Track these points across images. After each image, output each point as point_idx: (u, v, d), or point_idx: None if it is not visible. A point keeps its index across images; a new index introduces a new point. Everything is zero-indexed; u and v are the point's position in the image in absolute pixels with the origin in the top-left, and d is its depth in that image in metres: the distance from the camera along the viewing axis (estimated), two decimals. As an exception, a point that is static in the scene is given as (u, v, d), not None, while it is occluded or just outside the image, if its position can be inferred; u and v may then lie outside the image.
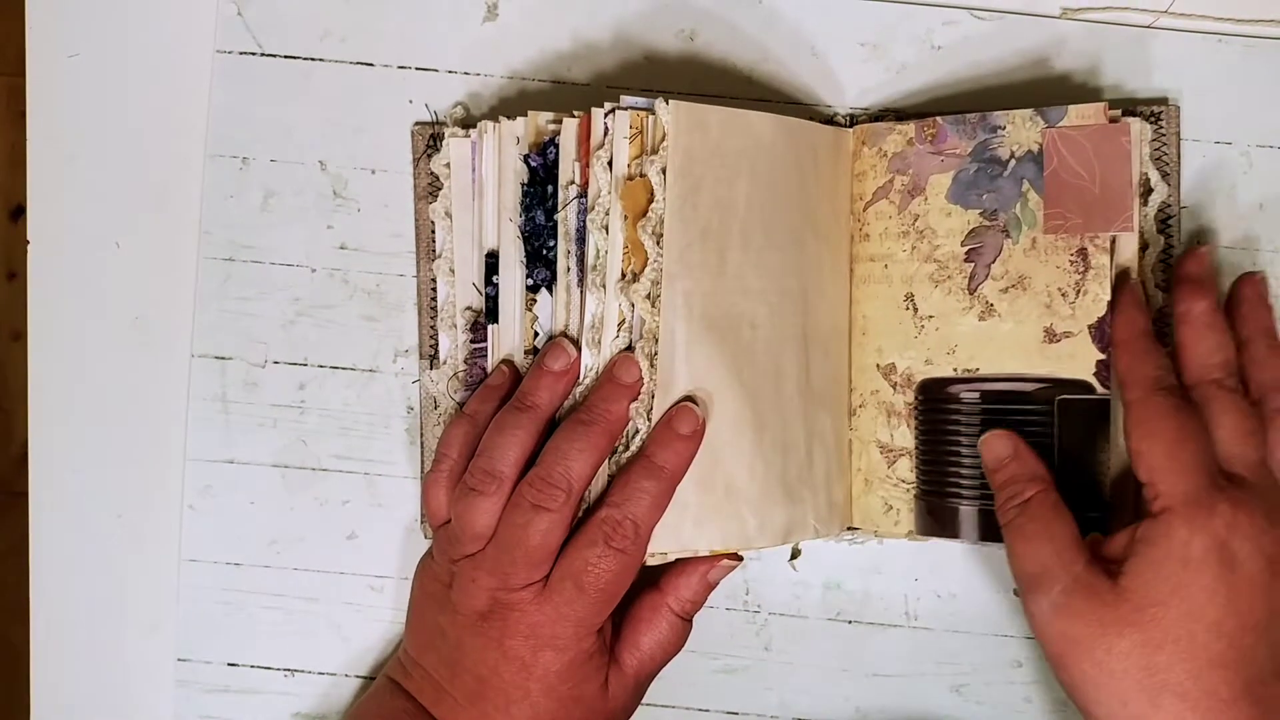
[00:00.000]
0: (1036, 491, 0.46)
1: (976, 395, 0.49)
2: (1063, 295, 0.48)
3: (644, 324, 0.46)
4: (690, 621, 0.50)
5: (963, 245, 0.49)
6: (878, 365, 0.51)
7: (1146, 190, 0.50)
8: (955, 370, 0.49)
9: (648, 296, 0.46)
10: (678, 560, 0.49)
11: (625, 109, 0.46)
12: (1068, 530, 0.45)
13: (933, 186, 0.50)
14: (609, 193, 0.46)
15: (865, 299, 0.51)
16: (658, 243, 0.46)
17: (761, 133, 0.47)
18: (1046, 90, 0.52)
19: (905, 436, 0.50)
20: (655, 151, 0.46)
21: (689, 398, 0.46)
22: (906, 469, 0.50)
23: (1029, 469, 0.47)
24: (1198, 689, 0.42)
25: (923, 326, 0.50)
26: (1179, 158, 0.51)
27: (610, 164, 0.46)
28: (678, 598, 0.49)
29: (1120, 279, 0.48)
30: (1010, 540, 0.46)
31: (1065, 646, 0.43)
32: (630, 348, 0.46)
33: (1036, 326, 0.48)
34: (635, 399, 0.46)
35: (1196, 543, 0.42)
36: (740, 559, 0.50)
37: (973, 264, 0.49)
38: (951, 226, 0.49)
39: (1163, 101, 0.52)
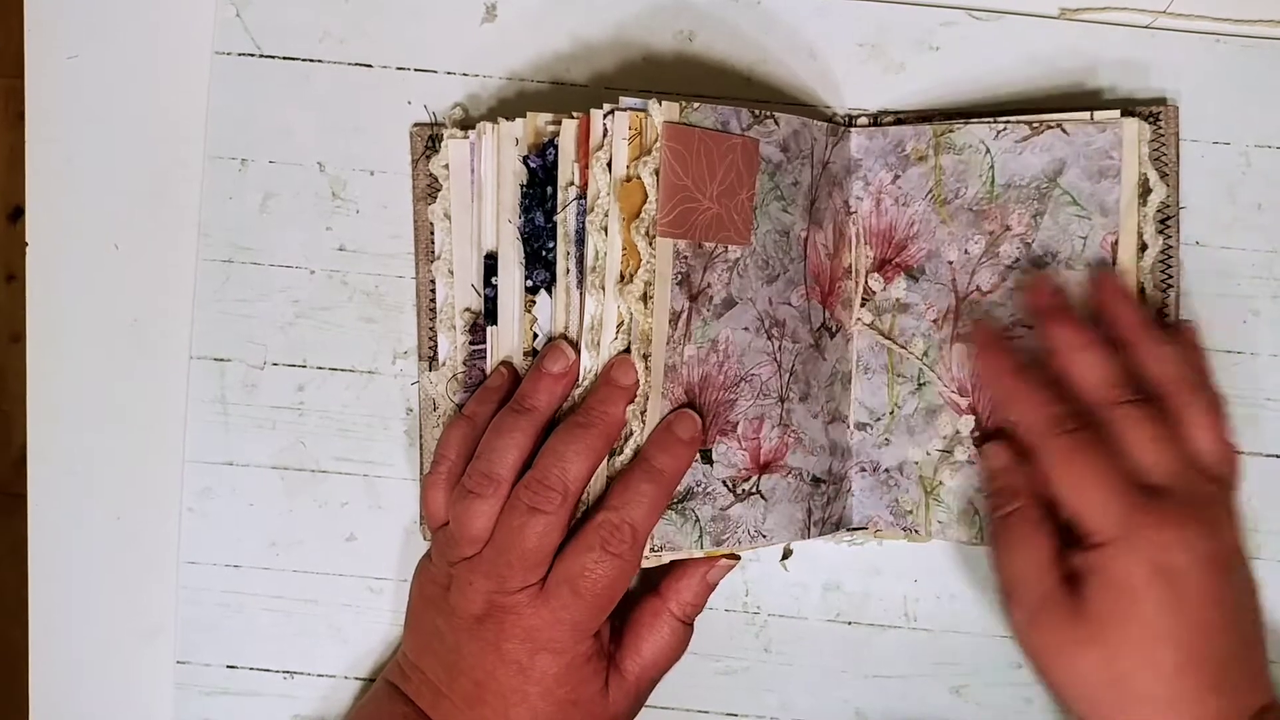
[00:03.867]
0: (1020, 505, 0.47)
1: None
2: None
3: (637, 325, 0.46)
4: (691, 626, 0.50)
5: None
6: None
7: (1145, 190, 0.50)
8: None
9: (641, 297, 0.46)
10: (676, 563, 0.49)
11: (624, 110, 0.46)
12: (1045, 546, 0.46)
13: None
14: (608, 194, 0.46)
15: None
16: (650, 244, 0.46)
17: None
18: (1045, 91, 0.52)
19: None
20: (649, 153, 0.46)
21: (688, 393, 0.46)
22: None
23: (1017, 482, 0.48)
24: (1165, 693, 0.44)
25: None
26: (1178, 158, 0.51)
27: (609, 165, 0.46)
28: (679, 601, 0.49)
29: (975, 325, 0.50)
30: (995, 550, 0.48)
31: (1040, 656, 0.46)
32: (629, 349, 0.46)
33: None
34: (632, 401, 0.46)
35: (1136, 570, 0.44)
36: (738, 558, 0.50)
37: None
38: None
39: (1161, 102, 0.52)
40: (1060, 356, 0.48)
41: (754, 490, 0.48)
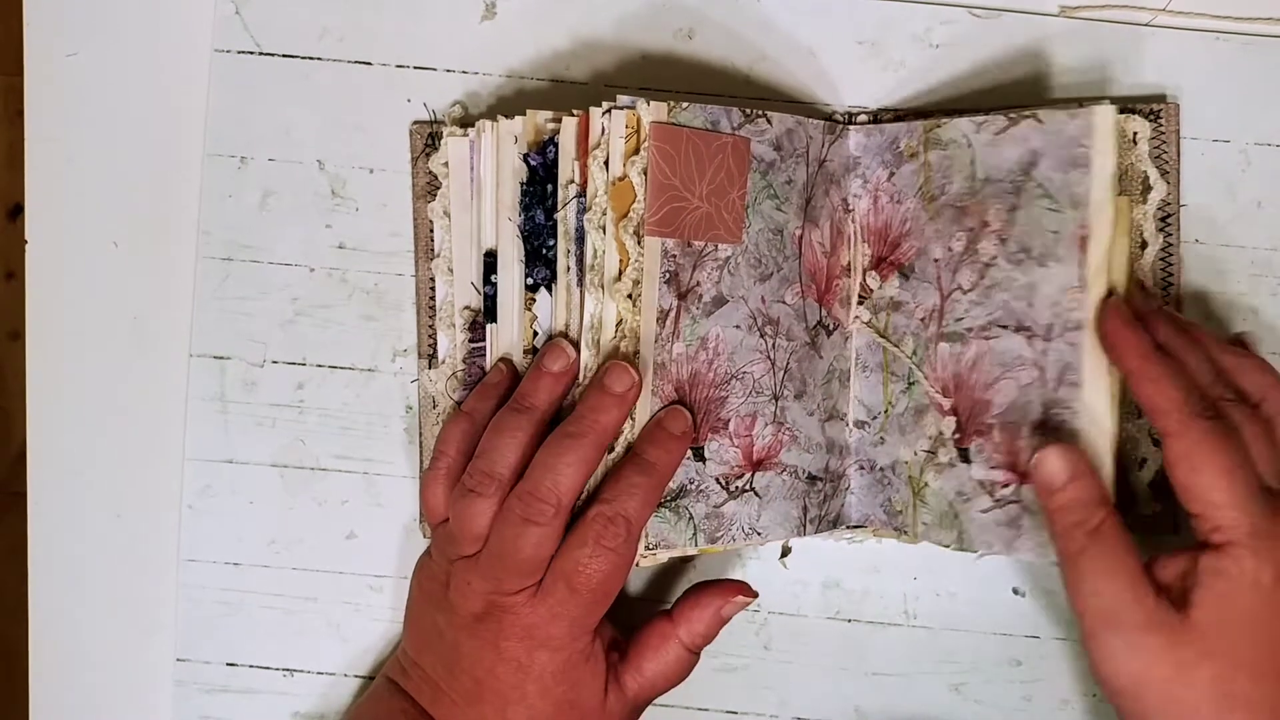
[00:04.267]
0: (1105, 517, 0.43)
1: None
2: None
3: (625, 323, 0.46)
4: (698, 656, 0.49)
5: None
6: None
7: (1145, 188, 0.50)
8: None
9: (629, 296, 0.46)
10: (692, 590, 0.49)
11: (621, 108, 0.46)
12: (1137, 561, 0.43)
13: None
14: (604, 193, 0.46)
15: None
16: (639, 242, 0.46)
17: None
18: (1045, 89, 0.52)
19: None
20: (636, 152, 0.46)
21: (677, 390, 0.46)
22: None
23: (1096, 491, 0.43)
24: (1271, 708, 0.41)
25: None
26: (1179, 156, 0.51)
27: (606, 164, 0.46)
28: (689, 630, 0.48)
29: (1107, 305, 0.45)
30: (1077, 573, 0.43)
31: (1140, 685, 0.42)
32: (631, 350, 0.46)
33: None
34: (629, 408, 0.46)
35: (1266, 572, 0.41)
36: (754, 595, 0.49)
37: None
38: None
39: (1161, 99, 0.52)
40: (1136, 380, 0.44)
41: (748, 487, 0.48)
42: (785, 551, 0.54)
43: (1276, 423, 0.45)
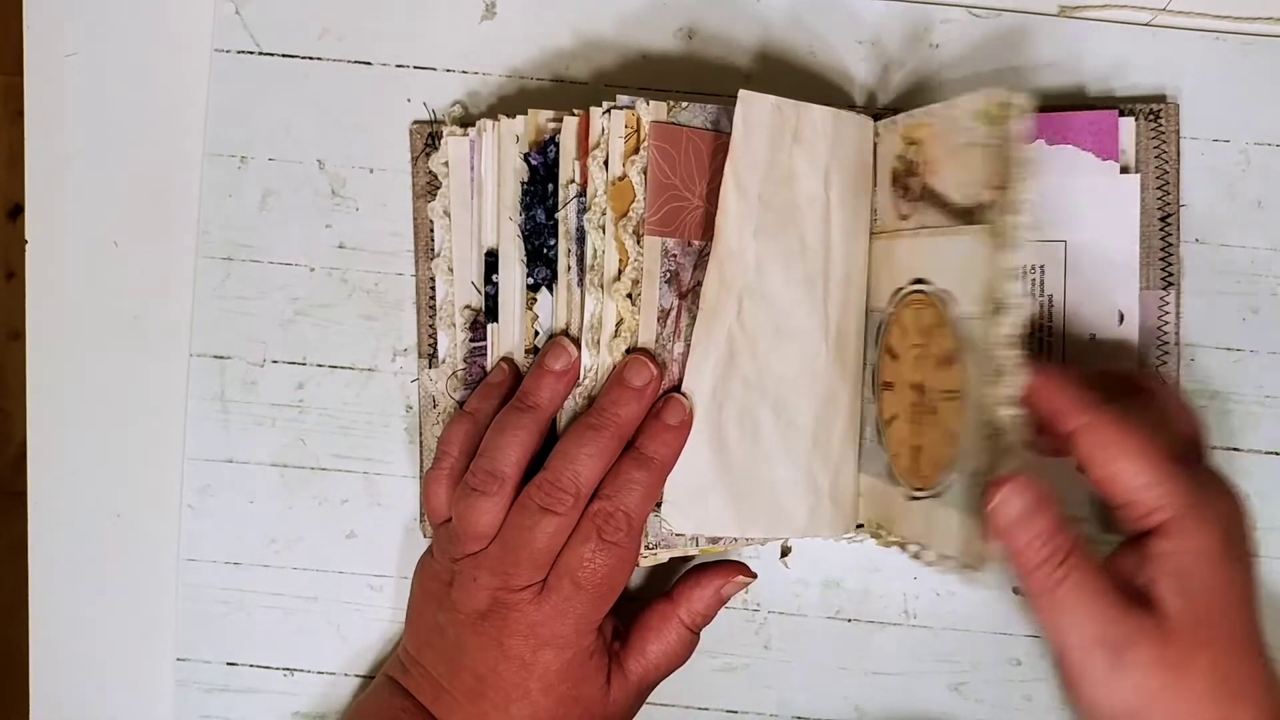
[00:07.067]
0: (1073, 547, 0.41)
1: None
2: None
3: (625, 323, 0.46)
4: (698, 635, 0.50)
5: None
6: None
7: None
8: None
9: (629, 295, 0.46)
10: (691, 571, 0.49)
11: (621, 108, 0.46)
12: (1109, 578, 0.41)
13: None
14: (604, 192, 0.46)
15: None
16: (639, 242, 0.46)
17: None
18: (1045, 88, 0.52)
19: None
20: (636, 151, 0.46)
21: (677, 389, 0.46)
22: None
23: (1058, 520, 0.41)
24: (1256, 679, 0.41)
25: None
26: (1178, 156, 0.51)
27: (606, 163, 0.46)
28: (689, 610, 0.49)
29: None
30: (1055, 608, 0.41)
31: (1140, 704, 0.41)
32: (630, 349, 0.46)
33: None
34: (649, 402, 0.46)
35: (1214, 536, 0.41)
36: (753, 576, 0.50)
37: None
38: None
39: (1161, 99, 0.52)
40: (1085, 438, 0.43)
41: None
42: (785, 551, 0.54)
43: (1157, 399, 0.46)
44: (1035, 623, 0.42)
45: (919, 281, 0.46)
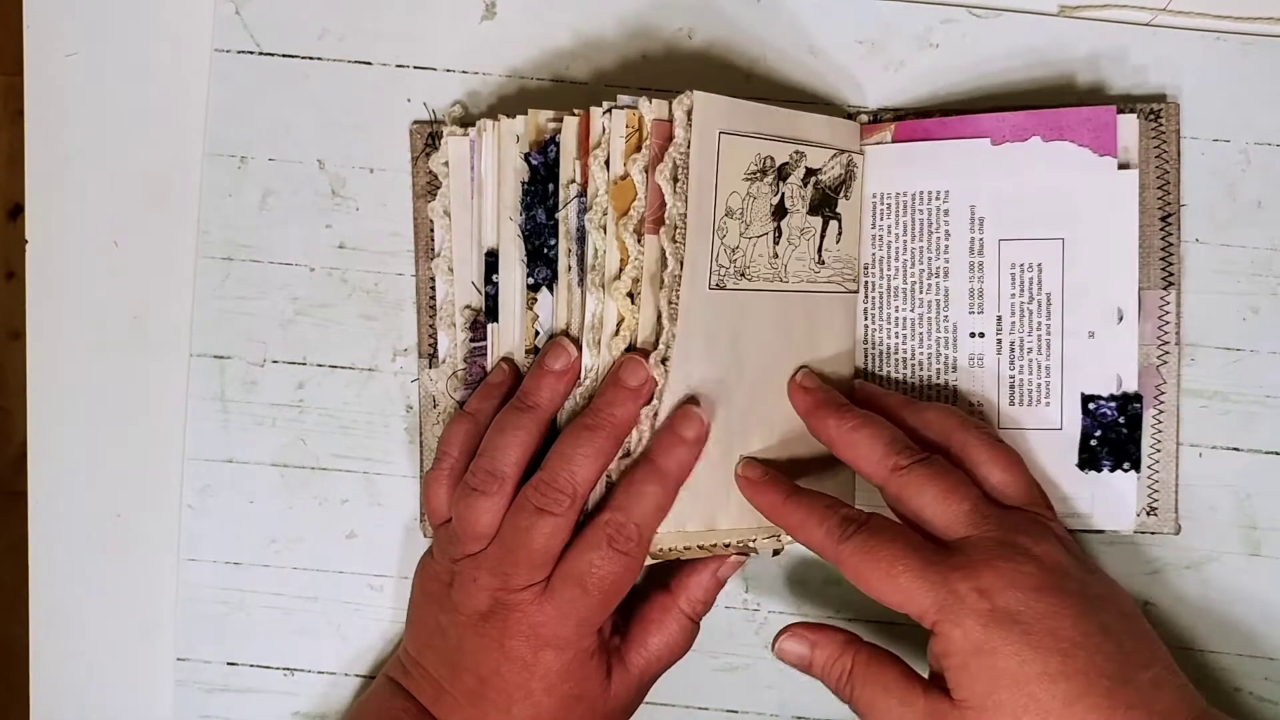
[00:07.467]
0: (853, 662, 0.45)
1: None
2: None
3: (625, 323, 0.46)
4: (698, 624, 0.50)
5: None
6: None
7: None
8: None
9: (629, 295, 0.46)
10: (686, 560, 0.49)
11: (621, 108, 0.46)
12: (900, 671, 0.44)
13: None
14: (605, 192, 0.46)
15: None
16: (639, 241, 0.46)
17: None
18: (1044, 88, 0.52)
19: None
20: (637, 150, 0.46)
21: (692, 399, 0.46)
22: None
23: (838, 646, 0.46)
24: None
25: None
26: (1179, 155, 0.51)
27: (607, 163, 0.46)
28: (689, 598, 0.49)
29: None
30: (859, 712, 0.45)
31: None
32: (630, 348, 0.46)
33: None
34: (644, 403, 0.46)
35: (973, 629, 0.42)
36: (747, 554, 0.50)
37: None
38: None
39: (1161, 99, 0.52)
40: (837, 447, 0.47)
41: None
42: (776, 551, 0.54)
43: (963, 456, 0.46)
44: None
45: None
